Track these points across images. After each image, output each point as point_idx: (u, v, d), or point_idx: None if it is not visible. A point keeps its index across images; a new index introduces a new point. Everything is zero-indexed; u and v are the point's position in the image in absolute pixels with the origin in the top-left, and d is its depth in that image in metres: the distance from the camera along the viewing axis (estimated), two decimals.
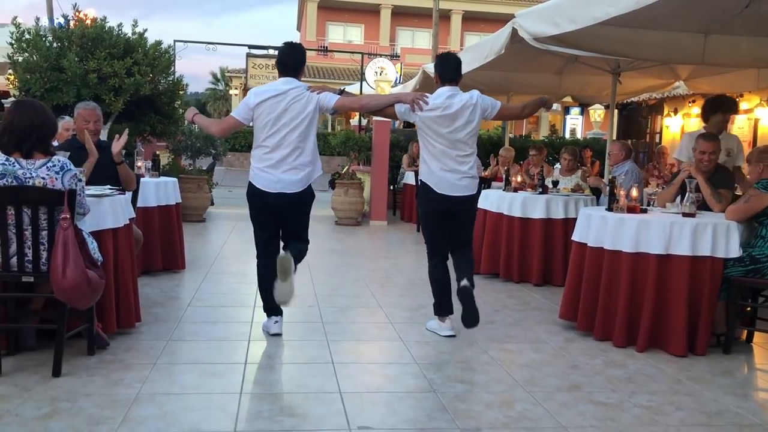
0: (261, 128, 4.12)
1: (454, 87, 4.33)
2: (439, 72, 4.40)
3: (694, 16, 5.05)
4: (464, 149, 4.33)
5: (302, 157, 4.13)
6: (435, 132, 4.27)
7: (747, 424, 3.21)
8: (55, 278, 3.26)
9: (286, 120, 4.07)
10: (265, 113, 4.08)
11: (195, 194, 9.91)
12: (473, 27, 34.64)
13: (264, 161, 4.13)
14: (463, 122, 4.26)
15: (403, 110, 4.28)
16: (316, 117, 4.17)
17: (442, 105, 4.24)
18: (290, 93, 4.08)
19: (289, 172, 4.10)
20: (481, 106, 4.32)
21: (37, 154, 3.42)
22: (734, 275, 4.24)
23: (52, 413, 2.98)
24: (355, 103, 4.43)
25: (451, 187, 4.33)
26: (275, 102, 4.07)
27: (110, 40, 8.70)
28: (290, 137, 4.09)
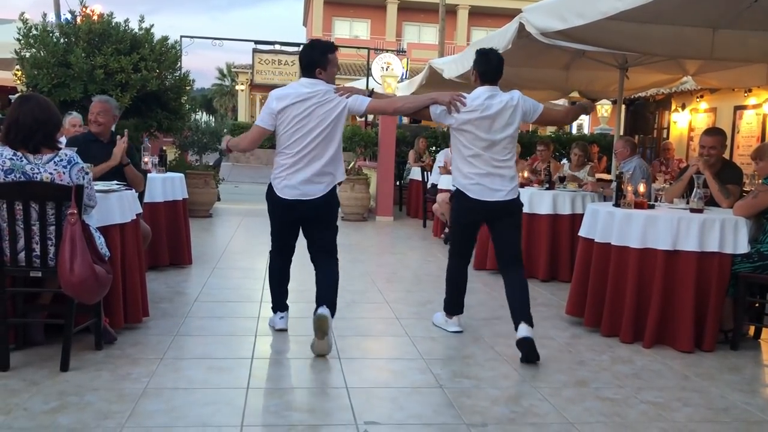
0: (283, 135, 3.90)
1: (494, 87, 4.04)
2: (480, 70, 4.08)
3: (702, 11, 5.03)
4: (503, 153, 4.04)
5: (324, 164, 3.90)
6: (472, 135, 3.99)
7: (754, 421, 3.19)
8: (62, 273, 3.27)
9: (310, 126, 3.83)
10: (287, 119, 3.84)
11: (202, 190, 9.93)
12: (480, 22, 34.55)
13: (285, 168, 3.91)
14: (502, 124, 3.98)
15: (439, 112, 4.01)
16: (342, 122, 3.92)
17: (481, 106, 3.95)
18: (314, 97, 3.83)
19: (309, 182, 3.89)
20: (523, 108, 4.03)
21: (43, 149, 3.43)
22: (742, 271, 4.22)
23: (60, 407, 3.00)
24: (388, 107, 4.18)
25: (488, 191, 4.03)
26: (298, 107, 3.83)
27: (117, 36, 8.70)
28: (313, 145, 3.86)
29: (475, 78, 4.11)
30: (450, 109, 3.93)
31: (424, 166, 10.47)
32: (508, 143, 4.04)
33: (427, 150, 11.91)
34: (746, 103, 11.20)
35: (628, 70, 7.17)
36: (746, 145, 10.98)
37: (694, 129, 12.63)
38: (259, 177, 21.22)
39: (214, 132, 11.29)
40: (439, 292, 5.69)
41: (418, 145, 11.85)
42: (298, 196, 3.88)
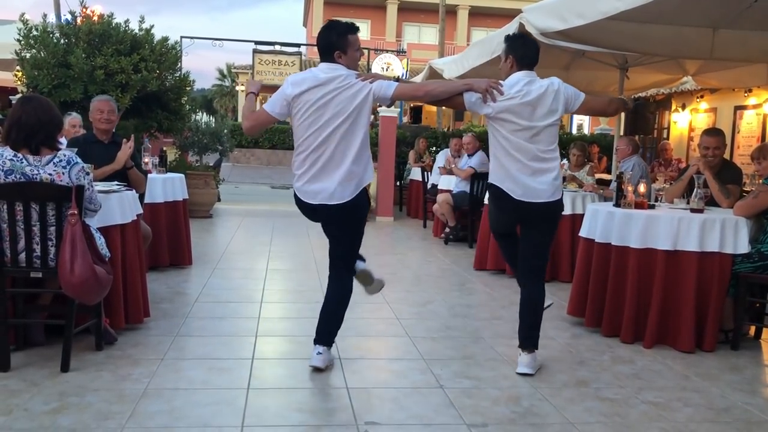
0: (299, 127, 3.47)
1: (532, 72, 3.68)
2: (517, 54, 3.70)
3: (702, 11, 5.03)
4: (546, 144, 3.63)
5: (349, 161, 3.44)
6: (513, 124, 3.58)
7: (755, 421, 3.19)
8: (63, 274, 3.27)
9: (329, 116, 3.40)
10: (303, 108, 3.43)
11: (202, 190, 9.93)
12: (480, 22, 34.55)
13: (303, 168, 3.50)
14: (544, 111, 3.59)
15: (474, 100, 3.59)
16: (367, 111, 3.46)
17: (521, 92, 3.57)
18: (333, 82, 3.40)
19: (333, 182, 3.44)
20: (565, 94, 3.67)
21: (44, 149, 3.43)
22: (743, 271, 4.22)
23: (61, 408, 3.00)
24: (418, 90, 3.69)
25: (531, 191, 3.61)
26: (314, 93, 3.41)
27: (117, 37, 8.71)
28: (334, 137, 3.42)
29: (510, 64, 3.72)
30: (486, 97, 3.56)
31: (424, 167, 10.47)
32: (551, 132, 3.65)
33: (428, 150, 11.91)
34: (746, 103, 11.19)
35: (628, 70, 7.17)
36: (746, 145, 10.98)
37: (695, 129, 12.62)
38: (260, 177, 21.21)
39: (214, 133, 11.28)
40: (438, 292, 5.70)
41: (419, 146, 11.85)
42: (322, 200, 3.48)
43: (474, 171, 8.16)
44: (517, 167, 3.60)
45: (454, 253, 7.74)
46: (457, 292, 5.75)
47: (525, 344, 3.71)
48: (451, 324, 4.68)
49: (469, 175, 8.16)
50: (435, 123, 19.79)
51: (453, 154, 9.46)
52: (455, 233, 8.44)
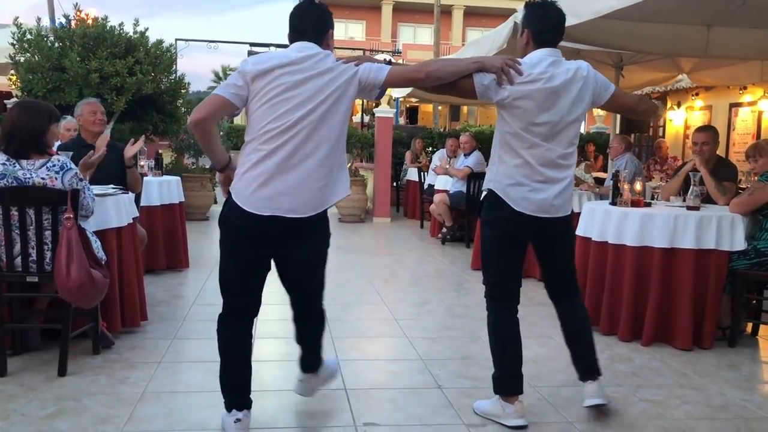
0: (256, 113, 2.60)
1: (556, 51, 2.93)
2: (534, 28, 2.94)
3: (696, 9, 5.04)
4: (566, 145, 2.90)
5: (318, 160, 2.60)
6: (531, 115, 2.82)
7: (753, 417, 3.20)
8: (59, 278, 3.26)
9: (299, 100, 2.56)
10: (265, 90, 2.58)
11: (198, 193, 9.92)
12: (475, 22, 34.58)
13: (255, 165, 2.58)
14: (569, 101, 2.86)
15: (487, 83, 2.81)
16: (348, 99, 2.65)
17: (543, 75, 2.82)
18: (307, 61, 2.60)
19: (294, 185, 2.58)
20: (594, 82, 2.95)
21: (32, 154, 3.41)
22: (739, 268, 4.22)
23: (58, 412, 2.99)
24: (417, 72, 2.78)
25: (543, 205, 2.89)
26: (283, 74, 2.57)
27: (112, 40, 8.71)
28: (302, 128, 2.57)
29: (526, 40, 2.98)
30: (501, 78, 2.80)
31: (420, 167, 10.48)
32: (573, 131, 2.93)
33: (424, 151, 11.91)
34: (741, 101, 11.23)
35: (623, 68, 7.18)
36: (742, 142, 11.01)
37: (690, 127, 12.66)
38: None
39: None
40: (435, 292, 5.69)
41: (415, 146, 11.87)
42: (274, 211, 2.57)
43: (471, 171, 8.17)
44: (526, 172, 2.87)
45: (451, 253, 7.74)
46: (455, 292, 5.75)
47: (588, 374, 3.14)
48: (449, 324, 4.67)
49: (466, 175, 8.17)
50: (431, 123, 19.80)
51: (449, 154, 9.46)
52: (452, 233, 8.44)
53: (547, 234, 3.01)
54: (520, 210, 2.89)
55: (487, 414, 3.09)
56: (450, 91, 2.93)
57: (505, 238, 2.99)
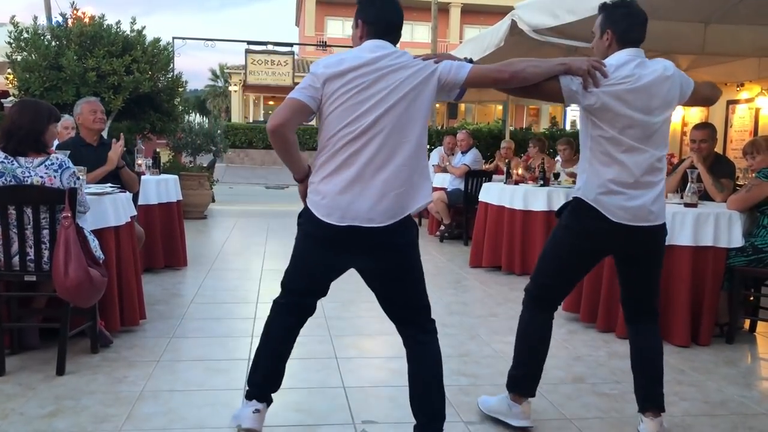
0: (329, 117, 2.45)
1: (641, 52, 2.77)
2: (620, 27, 2.77)
3: (693, 6, 5.05)
4: (659, 146, 2.75)
5: (397, 166, 2.43)
6: (624, 118, 2.66)
7: (751, 414, 3.20)
8: (57, 277, 3.26)
9: (375, 101, 2.41)
10: (339, 93, 2.42)
11: (196, 191, 9.92)
12: (472, 20, 34.58)
13: (332, 174, 2.44)
14: (659, 102, 2.71)
15: (575, 87, 2.65)
16: (428, 98, 2.48)
17: (630, 77, 2.67)
18: (383, 60, 2.45)
19: (372, 193, 2.41)
20: (680, 79, 2.81)
21: (30, 153, 3.41)
22: (737, 265, 4.23)
23: (57, 411, 2.99)
24: (502, 72, 2.57)
25: (640, 213, 2.71)
26: (357, 76, 2.42)
27: (109, 38, 8.70)
28: (379, 131, 2.41)
29: (608, 42, 2.80)
30: (587, 82, 2.64)
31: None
32: (665, 133, 2.79)
33: None
34: (738, 98, 11.23)
35: None
36: (739, 139, 11.01)
37: (687, 124, 12.65)
38: (254, 178, 21.20)
39: (207, 133, 11.27)
40: (434, 289, 5.69)
41: None
42: (351, 221, 2.41)
43: (468, 168, 8.17)
44: (622, 179, 2.69)
45: (449, 251, 7.75)
46: (453, 290, 5.75)
47: (647, 406, 2.85)
48: (447, 322, 4.68)
49: (463, 173, 8.17)
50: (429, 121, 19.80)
51: (446, 152, 9.47)
52: (450, 231, 8.45)
53: (639, 245, 2.80)
54: (616, 221, 2.70)
55: (492, 411, 3.01)
56: (534, 93, 2.79)
57: (585, 250, 2.84)
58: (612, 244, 2.81)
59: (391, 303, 2.63)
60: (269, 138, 2.46)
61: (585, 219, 2.76)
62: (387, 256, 2.51)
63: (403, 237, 2.52)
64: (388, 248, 2.50)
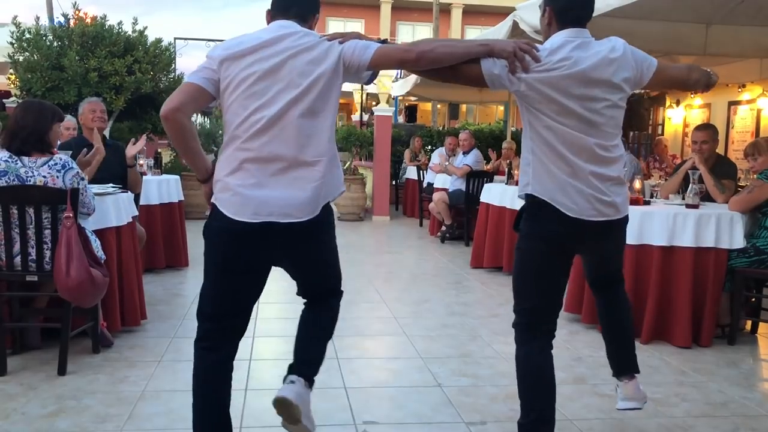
0: (231, 106, 2.25)
1: (583, 31, 2.48)
2: (557, 5, 2.50)
3: (695, 7, 5.05)
4: (607, 135, 2.46)
5: (309, 154, 2.23)
6: (557, 105, 2.38)
7: (752, 415, 3.20)
8: (58, 277, 3.26)
9: (279, 87, 2.21)
10: (239, 78, 2.22)
11: (197, 191, 9.89)
12: (474, 20, 34.56)
13: (237, 167, 2.25)
14: (604, 87, 2.42)
15: (498, 71, 2.37)
16: (336, 83, 2.27)
17: (565, 61, 2.38)
18: (284, 41, 2.24)
19: (285, 185, 2.22)
20: (634, 58, 2.51)
21: (34, 152, 3.41)
22: (738, 266, 4.23)
23: (58, 411, 2.99)
24: (408, 53, 2.31)
25: (590, 204, 2.44)
26: (257, 59, 2.22)
27: (110, 39, 8.71)
28: (288, 118, 2.20)
29: (548, 20, 2.55)
30: (514, 66, 2.35)
31: (420, 165, 10.48)
32: (614, 121, 2.49)
33: (423, 149, 11.91)
34: (740, 99, 11.22)
35: None
36: (741, 140, 11.01)
37: (689, 125, 12.65)
38: None
39: (208, 134, 11.26)
40: (436, 290, 5.70)
41: (414, 145, 11.87)
42: (266, 216, 2.23)
43: (470, 169, 8.17)
44: (566, 169, 2.43)
45: (450, 252, 7.74)
46: (454, 291, 5.75)
47: (622, 369, 2.82)
48: (448, 322, 4.68)
49: (464, 173, 8.17)
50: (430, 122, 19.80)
51: (448, 152, 9.47)
52: (451, 231, 8.44)
53: (599, 239, 2.58)
54: (571, 215, 2.43)
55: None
56: (453, 77, 2.45)
57: (551, 252, 2.50)
58: (569, 239, 2.51)
59: (309, 286, 2.60)
60: (163, 126, 2.25)
61: (535, 218, 2.52)
62: (307, 248, 2.39)
63: (322, 228, 2.36)
64: (308, 241, 2.36)
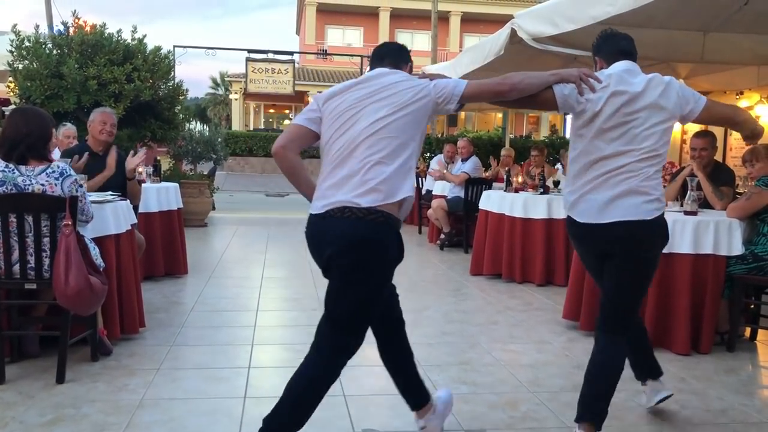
0: (325, 135, 2.55)
1: (633, 64, 2.86)
2: (604, 52, 2.95)
3: (693, 14, 5.06)
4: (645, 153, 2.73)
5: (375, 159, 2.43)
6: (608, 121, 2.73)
7: (752, 422, 3.20)
8: (57, 285, 3.26)
9: (360, 115, 2.49)
10: (336, 112, 2.54)
11: (196, 199, 9.92)
12: (472, 28, 34.67)
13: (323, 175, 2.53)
14: (647, 105, 2.73)
15: (568, 92, 2.72)
16: (421, 115, 2.52)
17: (618, 78, 2.75)
18: (378, 79, 2.56)
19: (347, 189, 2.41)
20: (679, 93, 2.80)
21: (32, 161, 3.42)
22: (737, 273, 4.23)
23: (57, 420, 2.98)
24: (501, 86, 2.65)
25: (600, 209, 2.75)
26: (351, 93, 2.55)
27: (110, 47, 8.72)
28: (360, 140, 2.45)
29: (600, 66, 2.96)
30: (580, 87, 2.72)
31: (418, 172, 10.49)
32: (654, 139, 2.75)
33: (422, 156, 11.91)
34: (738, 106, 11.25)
35: None
36: (739, 147, 11.01)
37: (687, 132, 12.66)
38: (254, 185, 21.20)
39: (208, 141, 11.29)
40: (435, 297, 5.69)
41: None
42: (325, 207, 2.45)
43: (467, 176, 8.18)
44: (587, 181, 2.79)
45: (449, 259, 7.74)
46: (453, 298, 5.75)
47: (583, 416, 2.76)
48: (448, 330, 4.67)
49: (462, 181, 8.18)
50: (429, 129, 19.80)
51: (446, 159, 9.49)
52: (450, 239, 8.45)
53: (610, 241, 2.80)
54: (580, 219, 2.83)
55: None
56: (530, 103, 2.87)
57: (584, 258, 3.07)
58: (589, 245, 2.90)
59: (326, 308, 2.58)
60: (275, 160, 2.55)
61: (568, 227, 2.94)
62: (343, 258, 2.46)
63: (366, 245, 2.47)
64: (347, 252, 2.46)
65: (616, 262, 2.79)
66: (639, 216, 2.71)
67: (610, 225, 2.73)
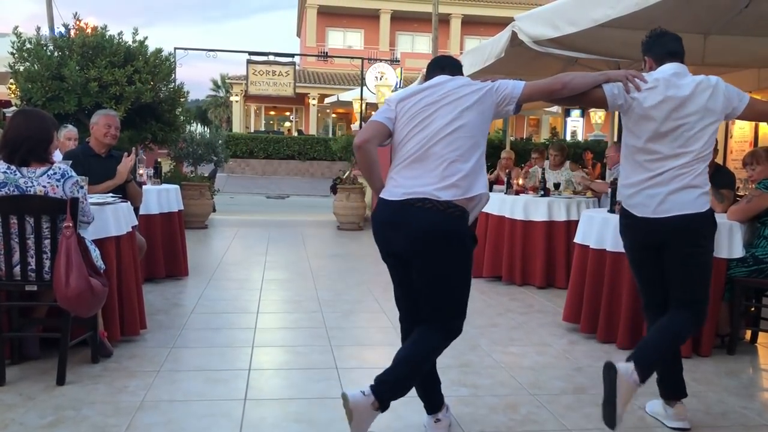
0: (398, 134, 2.81)
1: (681, 66, 3.02)
2: (654, 52, 3.11)
3: (693, 18, 5.06)
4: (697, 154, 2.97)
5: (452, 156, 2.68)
6: (658, 123, 2.93)
7: (753, 425, 3.20)
8: (58, 287, 3.26)
9: (434, 116, 2.73)
10: (409, 113, 2.78)
11: (197, 201, 9.93)
12: (473, 31, 34.69)
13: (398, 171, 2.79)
14: (697, 110, 2.92)
15: (617, 91, 2.91)
16: (485, 113, 2.76)
17: (669, 84, 2.93)
18: (446, 83, 2.80)
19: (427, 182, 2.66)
20: (726, 93, 2.97)
21: (33, 163, 3.42)
22: (738, 276, 4.23)
23: (57, 422, 2.98)
24: (554, 84, 2.89)
25: (657, 203, 2.97)
26: (421, 97, 2.78)
27: (111, 49, 8.73)
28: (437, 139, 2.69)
29: (649, 67, 3.13)
30: (627, 86, 2.90)
31: None
32: (703, 140, 2.96)
33: None
34: None
35: None
36: (739, 150, 11.02)
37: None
38: (255, 187, 21.22)
39: (208, 143, 11.29)
40: None
41: None
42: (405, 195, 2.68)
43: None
44: (646, 177, 2.98)
45: None
46: None
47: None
48: None
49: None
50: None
51: None
52: None
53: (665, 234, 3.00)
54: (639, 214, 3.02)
55: (653, 412, 3.23)
56: (580, 101, 3.09)
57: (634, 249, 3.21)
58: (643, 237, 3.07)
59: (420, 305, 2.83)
60: (355, 153, 2.85)
61: (621, 219, 3.14)
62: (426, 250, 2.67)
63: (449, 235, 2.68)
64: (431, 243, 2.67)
65: (676, 253, 2.99)
66: (695, 209, 2.94)
67: (669, 219, 2.93)
